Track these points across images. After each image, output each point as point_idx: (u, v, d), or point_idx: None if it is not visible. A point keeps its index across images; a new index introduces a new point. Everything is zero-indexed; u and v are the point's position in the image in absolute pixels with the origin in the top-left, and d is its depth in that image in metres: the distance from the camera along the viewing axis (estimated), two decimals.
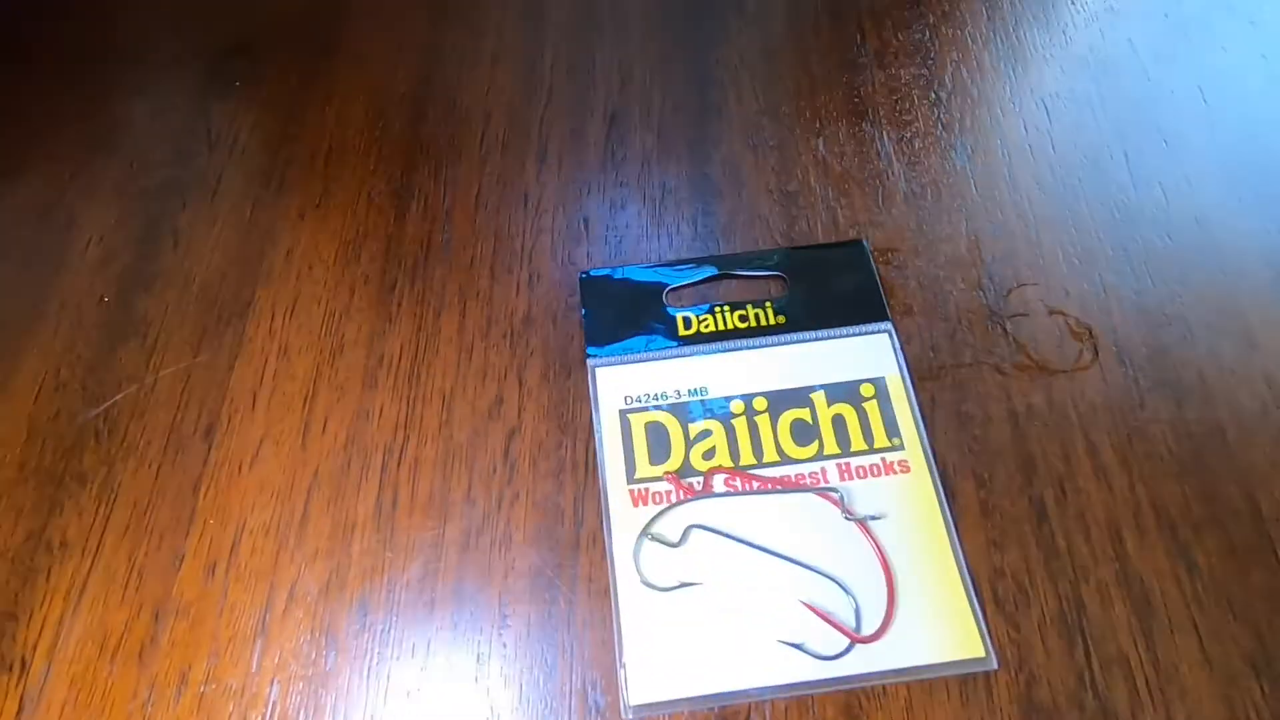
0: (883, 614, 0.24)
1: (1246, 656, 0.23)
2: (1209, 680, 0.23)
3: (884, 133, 0.34)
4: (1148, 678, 0.23)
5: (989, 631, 0.24)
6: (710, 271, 0.30)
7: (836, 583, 0.24)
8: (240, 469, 0.28)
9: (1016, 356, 0.29)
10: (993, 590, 0.25)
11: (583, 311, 0.30)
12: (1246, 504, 0.26)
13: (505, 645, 0.25)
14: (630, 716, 0.23)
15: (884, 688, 0.23)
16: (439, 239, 0.32)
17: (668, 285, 0.30)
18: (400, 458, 0.28)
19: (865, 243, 0.31)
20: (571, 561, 0.26)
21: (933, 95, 0.35)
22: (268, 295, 0.32)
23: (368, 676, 0.25)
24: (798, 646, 0.24)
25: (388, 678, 0.25)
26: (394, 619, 0.25)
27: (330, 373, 0.30)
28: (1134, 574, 0.25)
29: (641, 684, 0.23)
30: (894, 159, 0.34)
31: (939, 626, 0.24)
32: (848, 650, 0.24)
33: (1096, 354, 0.29)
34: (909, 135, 0.34)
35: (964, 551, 0.25)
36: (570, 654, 0.24)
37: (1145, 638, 0.24)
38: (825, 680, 0.23)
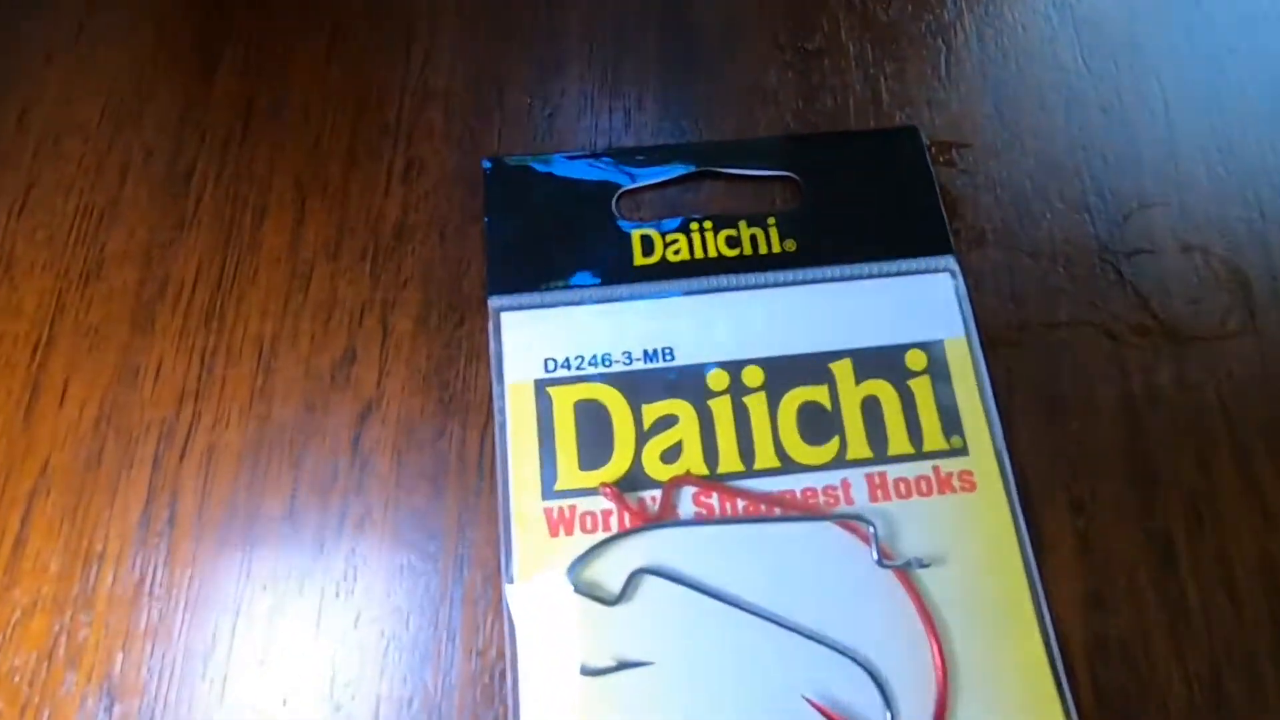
0: (930, 714, 0.19)
1: None
2: None
3: None
4: None
5: None
6: (687, 168, 0.26)
7: (860, 665, 0.20)
8: None
9: (1135, 314, 0.24)
10: (1092, 671, 0.20)
11: (486, 222, 0.25)
12: None
13: None
14: None
15: None
16: (265, 101, 0.27)
17: (621, 186, 0.25)
18: (186, 446, 0.23)
19: (920, 132, 0.26)
20: (448, 622, 0.21)
21: None
22: None
23: None
24: None
25: None
26: (161, 712, 0.20)
27: (79, 306, 0.24)
28: None
29: None
30: (963, 7, 0.28)
31: None
32: None
33: (1251, 314, 0.24)
34: None
35: (1051, 612, 0.20)
36: None
37: None
38: None
